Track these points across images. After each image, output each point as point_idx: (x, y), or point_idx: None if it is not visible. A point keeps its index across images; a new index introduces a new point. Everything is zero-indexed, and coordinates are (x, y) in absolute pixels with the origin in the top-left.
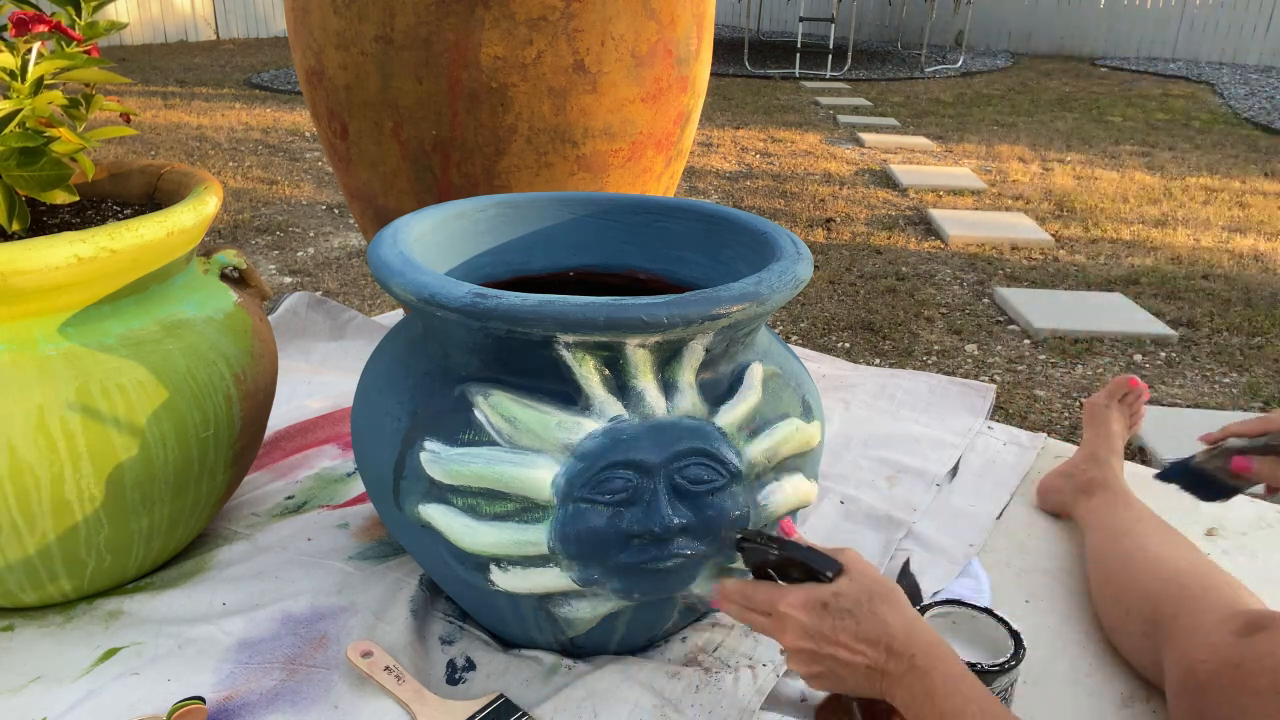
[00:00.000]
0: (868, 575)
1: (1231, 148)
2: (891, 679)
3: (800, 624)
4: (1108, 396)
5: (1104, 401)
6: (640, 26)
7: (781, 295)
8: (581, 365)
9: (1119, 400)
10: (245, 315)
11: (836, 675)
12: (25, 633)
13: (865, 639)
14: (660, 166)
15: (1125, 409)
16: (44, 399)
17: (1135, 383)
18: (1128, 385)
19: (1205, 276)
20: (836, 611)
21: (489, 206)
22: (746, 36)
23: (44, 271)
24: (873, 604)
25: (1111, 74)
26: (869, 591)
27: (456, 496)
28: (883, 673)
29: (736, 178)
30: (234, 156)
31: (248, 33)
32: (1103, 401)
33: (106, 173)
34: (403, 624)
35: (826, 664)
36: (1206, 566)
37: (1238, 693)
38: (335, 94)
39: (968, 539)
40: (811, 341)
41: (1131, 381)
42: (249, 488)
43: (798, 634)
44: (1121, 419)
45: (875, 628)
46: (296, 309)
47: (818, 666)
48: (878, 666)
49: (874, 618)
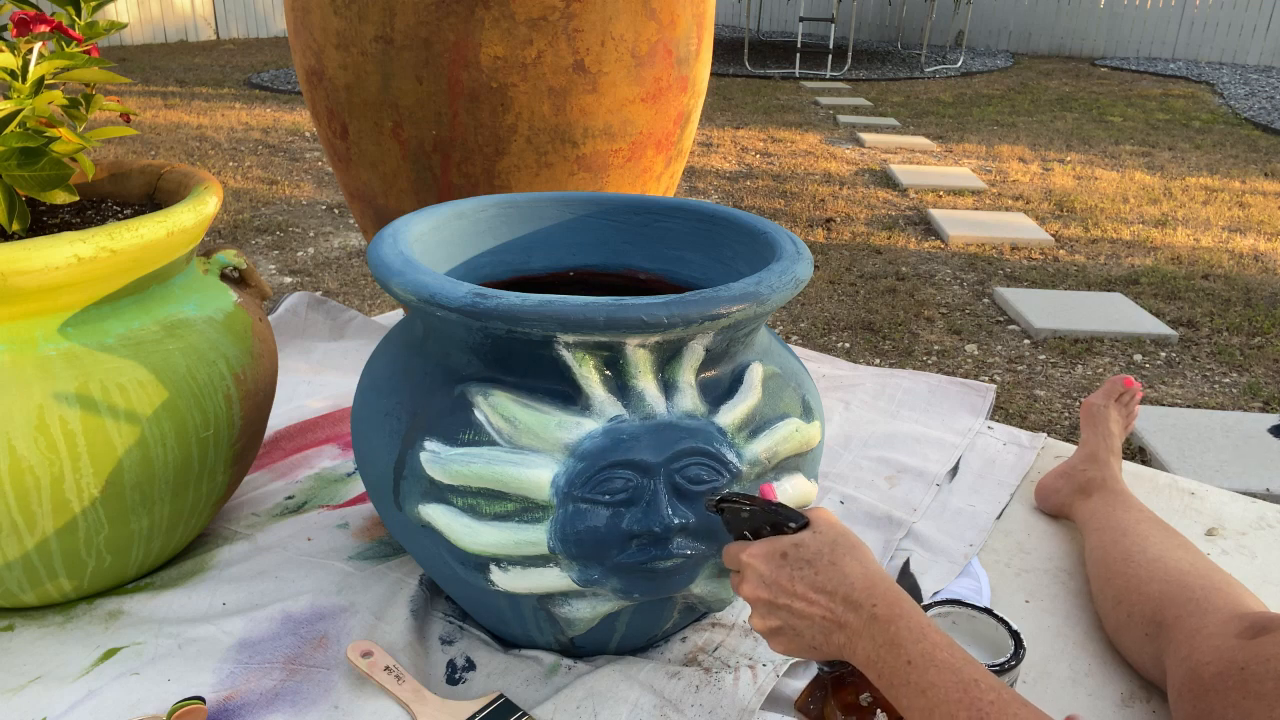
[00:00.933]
0: (834, 529)
1: (1231, 148)
2: (851, 631)
3: (759, 573)
4: (1105, 397)
5: (1101, 402)
6: (640, 26)
7: (781, 295)
8: (581, 365)
9: (1115, 400)
10: (245, 315)
11: (793, 629)
12: (25, 633)
13: (822, 589)
14: (660, 166)
15: (1122, 408)
16: (44, 399)
17: (1130, 382)
18: (1123, 385)
19: (1205, 276)
20: (795, 561)
21: (489, 206)
22: (746, 36)
23: (44, 271)
24: (834, 554)
25: (1111, 74)
26: (831, 543)
27: (456, 496)
28: (840, 624)
29: (736, 178)
30: (234, 156)
31: (248, 33)
32: (1100, 402)
33: (106, 173)
34: (403, 624)
35: (783, 615)
36: (1208, 567)
37: (1242, 696)
38: (335, 94)
39: (967, 539)
40: (811, 341)
41: (1126, 381)
42: (249, 488)
43: (755, 583)
44: (1119, 419)
45: (833, 577)
46: (296, 309)
47: (774, 619)
48: (835, 618)
49: (833, 568)
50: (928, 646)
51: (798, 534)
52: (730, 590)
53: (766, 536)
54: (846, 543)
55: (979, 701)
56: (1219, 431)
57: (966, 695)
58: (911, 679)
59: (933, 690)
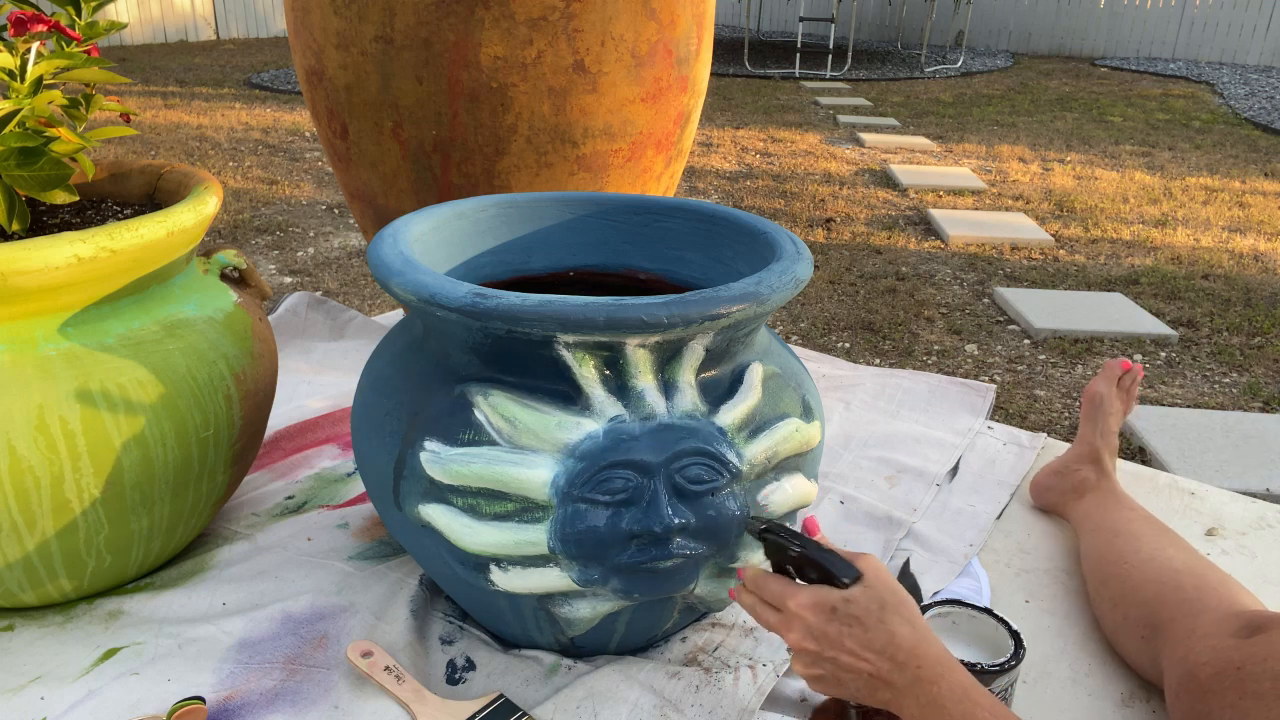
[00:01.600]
0: (883, 585)
1: (1231, 148)
2: (896, 690)
3: (806, 624)
4: (1107, 382)
5: (1104, 390)
6: (640, 26)
7: (781, 295)
8: (581, 365)
9: (1117, 385)
10: (245, 315)
11: (838, 679)
12: (25, 633)
13: (870, 647)
14: (660, 166)
15: (1123, 393)
16: (44, 399)
17: (1128, 365)
18: (1121, 368)
19: (1205, 276)
20: (844, 617)
21: (489, 206)
22: (746, 36)
23: (44, 271)
24: (883, 613)
25: (1111, 74)
26: (880, 601)
27: (456, 496)
28: (886, 683)
29: (736, 178)
30: (234, 156)
31: (248, 33)
32: (1103, 390)
33: (106, 173)
34: (403, 624)
35: (828, 667)
36: (1201, 565)
37: (1239, 696)
38: (335, 94)
39: (968, 539)
40: (811, 341)
41: (1124, 364)
42: (249, 488)
43: (803, 634)
44: (1120, 408)
45: (881, 637)
46: (296, 309)
47: (819, 669)
48: (880, 676)
49: (881, 627)
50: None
51: (849, 589)
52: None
53: (812, 579)
54: (895, 600)
55: None
56: (1219, 431)
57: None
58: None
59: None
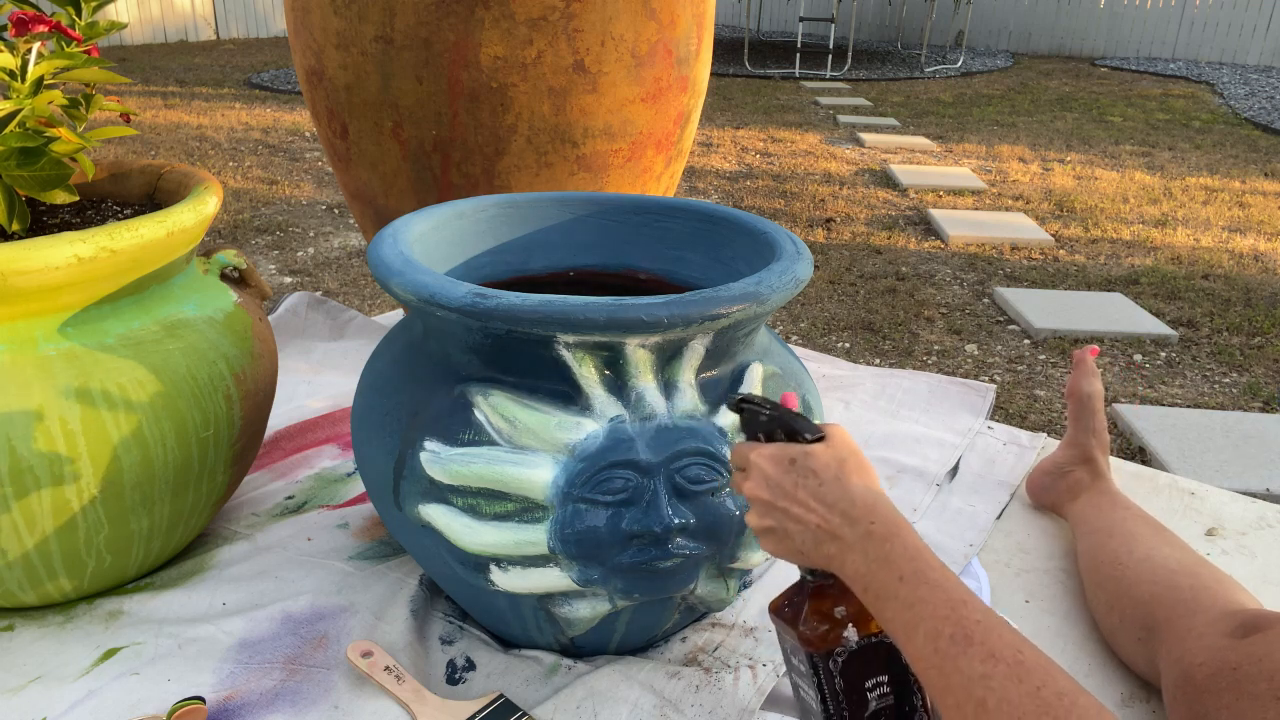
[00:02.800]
0: (846, 446)
1: (1231, 148)
2: (843, 544)
3: (764, 473)
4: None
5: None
6: (640, 26)
7: (781, 295)
8: (581, 365)
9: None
10: (245, 315)
11: (785, 531)
12: (25, 633)
13: (823, 500)
14: (660, 166)
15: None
16: (44, 399)
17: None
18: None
19: (1205, 276)
20: (802, 469)
21: (489, 206)
22: (746, 36)
23: (44, 271)
24: (841, 469)
25: (1111, 74)
26: (840, 459)
27: (456, 496)
28: (834, 536)
29: (736, 178)
30: (234, 156)
31: (248, 33)
32: (1085, 387)
33: (106, 173)
34: (403, 624)
35: (778, 517)
36: (1196, 564)
37: (1236, 697)
38: (335, 94)
39: (967, 539)
40: (811, 341)
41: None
42: (249, 488)
43: (759, 483)
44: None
45: (836, 491)
46: (296, 309)
47: (769, 519)
48: (829, 529)
49: (837, 483)
50: (921, 565)
51: (811, 444)
52: (731, 591)
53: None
54: (856, 461)
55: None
56: (1219, 431)
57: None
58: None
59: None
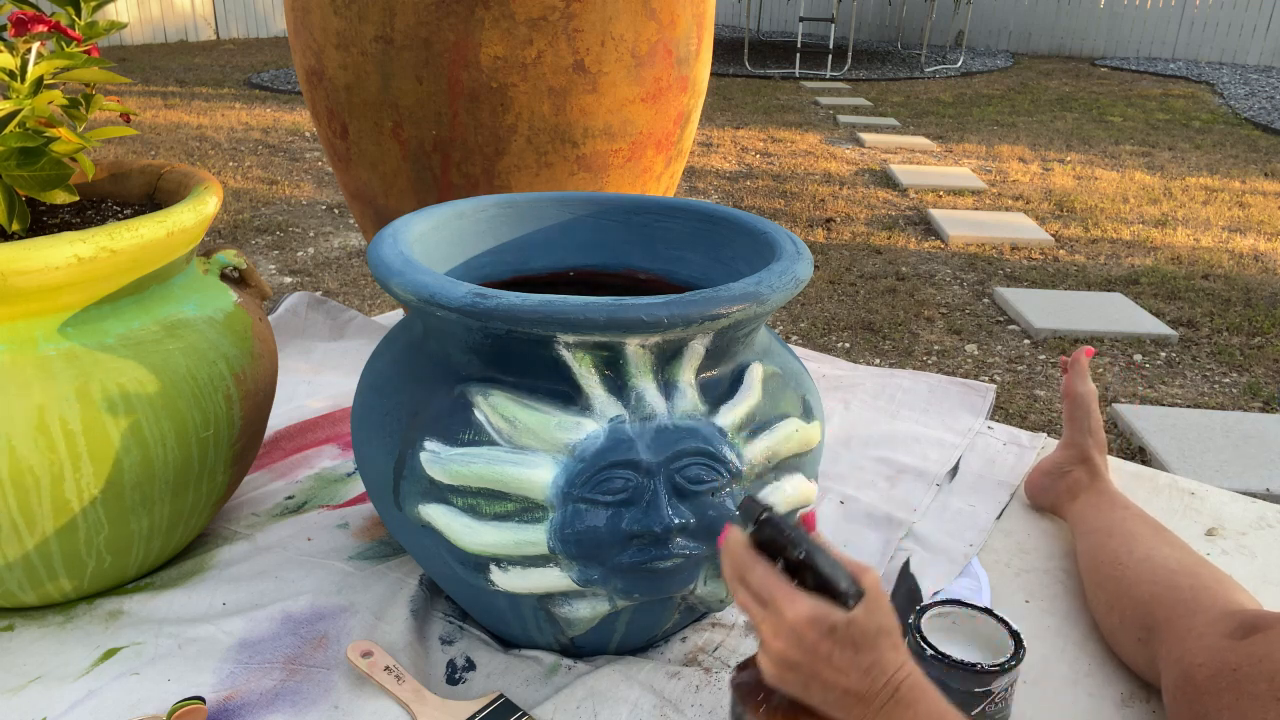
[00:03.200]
0: (882, 608)
1: (1231, 148)
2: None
3: (799, 636)
4: (1083, 380)
5: (1082, 387)
6: (640, 26)
7: (781, 295)
8: (581, 365)
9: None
10: (245, 315)
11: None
12: (25, 633)
13: (857, 667)
14: (660, 166)
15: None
16: (44, 399)
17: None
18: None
19: (1205, 276)
20: (843, 640)
21: (489, 206)
22: (746, 36)
23: (44, 271)
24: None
25: (1111, 74)
26: (878, 626)
27: (456, 496)
28: (861, 700)
29: (736, 178)
30: (234, 156)
31: (248, 33)
32: (1080, 387)
33: (106, 173)
34: (403, 624)
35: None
36: (1196, 564)
37: (1236, 698)
38: (335, 94)
39: (967, 539)
40: (811, 341)
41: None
42: (249, 488)
43: (790, 643)
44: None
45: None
46: (296, 309)
47: (793, 675)
48: (857, 693)
49: (874, 652)
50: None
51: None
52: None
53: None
54: (889, 624)
55: None
56: (1219, 431)
57: None
58: None
59: None
